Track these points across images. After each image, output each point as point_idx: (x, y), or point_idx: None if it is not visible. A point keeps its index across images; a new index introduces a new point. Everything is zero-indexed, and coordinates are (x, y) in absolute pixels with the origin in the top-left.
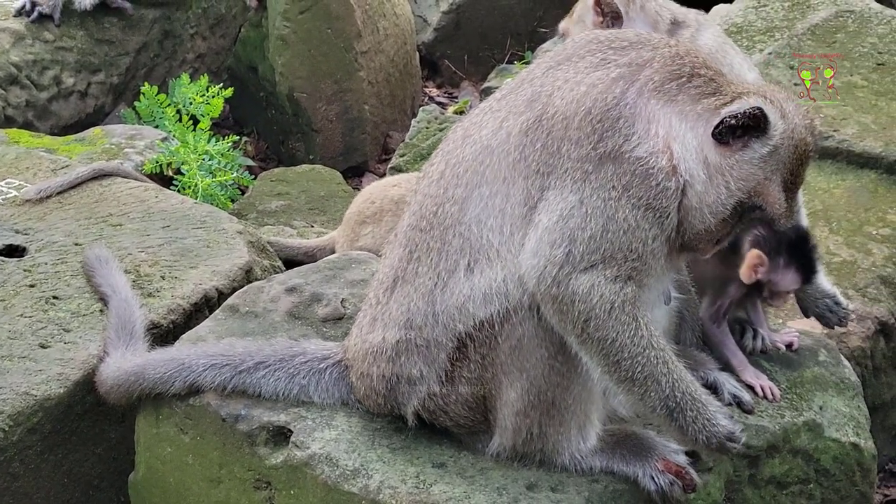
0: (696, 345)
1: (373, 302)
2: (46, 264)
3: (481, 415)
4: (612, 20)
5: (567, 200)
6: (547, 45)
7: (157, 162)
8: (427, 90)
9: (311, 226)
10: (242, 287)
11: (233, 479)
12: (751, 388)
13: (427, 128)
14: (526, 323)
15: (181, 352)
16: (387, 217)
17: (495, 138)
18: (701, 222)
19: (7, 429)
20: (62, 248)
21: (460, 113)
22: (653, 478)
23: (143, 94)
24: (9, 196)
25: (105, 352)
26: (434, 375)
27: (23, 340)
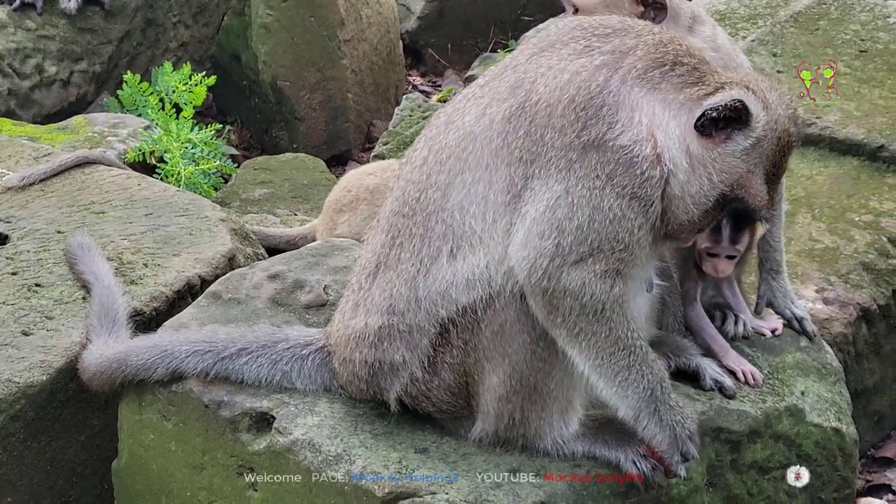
0: (679, 331)
1: (355, 288)
2: (29, 252)
3: (464, 400)
4: (656, 12)
5: (553, 190)
6: (530, 34)
7: (140, 150)
8: (411, 79)
9: (295, 214)
10: (225, 274)
11: (215, 465)
12: (733, 374)
13: (410, 116)
14: (508, 309)
15: (164, 338)
16: (362, 206)
17: (478, 125)
18: (684, 213)
19: None
20: (45, 235)
21: (444, 101)
22: (635, 462)
23: (126, 82)
24: None
25: (88, 339)
26: (416, 361)
27: (5, 328)
